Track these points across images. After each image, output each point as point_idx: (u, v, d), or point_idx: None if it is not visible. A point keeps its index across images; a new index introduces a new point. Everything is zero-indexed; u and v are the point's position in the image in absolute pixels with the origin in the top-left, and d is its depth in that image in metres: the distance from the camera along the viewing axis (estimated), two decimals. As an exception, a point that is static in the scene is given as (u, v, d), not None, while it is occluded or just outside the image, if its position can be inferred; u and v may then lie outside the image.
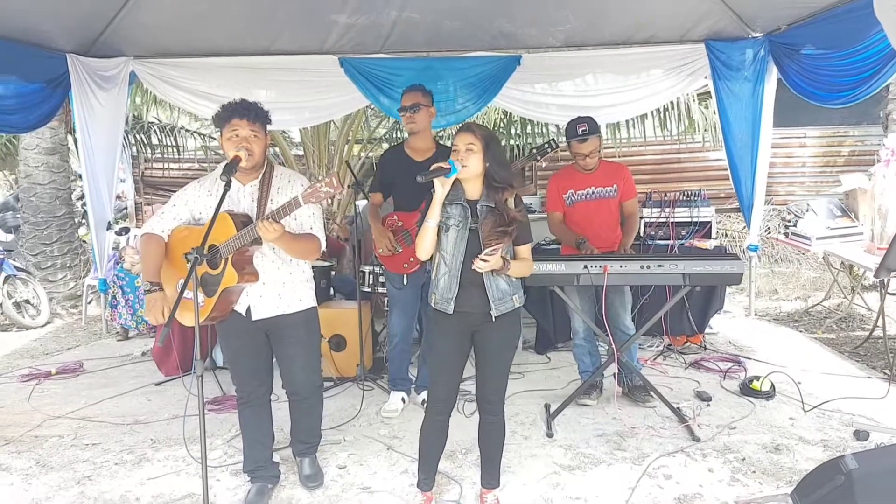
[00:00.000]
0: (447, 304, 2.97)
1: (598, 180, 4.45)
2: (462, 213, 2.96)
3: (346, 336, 5.03)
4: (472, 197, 2.99)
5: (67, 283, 8.10)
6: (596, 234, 4.44)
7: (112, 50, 5.96)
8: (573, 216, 4.52)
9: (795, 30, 5.38)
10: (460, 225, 2.95)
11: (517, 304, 3.04)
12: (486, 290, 2.95)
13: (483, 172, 2.95)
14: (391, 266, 4.39)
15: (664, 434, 3.96)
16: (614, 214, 4.50)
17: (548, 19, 5.74)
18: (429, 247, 2.96)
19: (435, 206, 2.91)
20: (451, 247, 2.95)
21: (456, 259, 2.94)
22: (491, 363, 3.07)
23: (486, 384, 3.10)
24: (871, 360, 5.29)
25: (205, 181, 3.21)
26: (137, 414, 4.55)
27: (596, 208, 4.46)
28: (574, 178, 4.50)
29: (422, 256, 3.00)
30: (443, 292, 2.99)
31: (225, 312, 3.09)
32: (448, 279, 2.97)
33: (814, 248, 5.86)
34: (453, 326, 3.01)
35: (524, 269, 3.04)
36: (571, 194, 4.47)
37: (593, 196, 4.45)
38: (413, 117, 4.24)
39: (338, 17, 5.57)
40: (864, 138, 10.49)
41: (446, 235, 2.97)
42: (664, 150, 10.50)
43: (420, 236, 2.96)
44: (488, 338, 3.03)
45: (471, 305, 2.97)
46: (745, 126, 6.12)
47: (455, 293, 2.96)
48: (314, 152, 8.92)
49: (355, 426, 4.24)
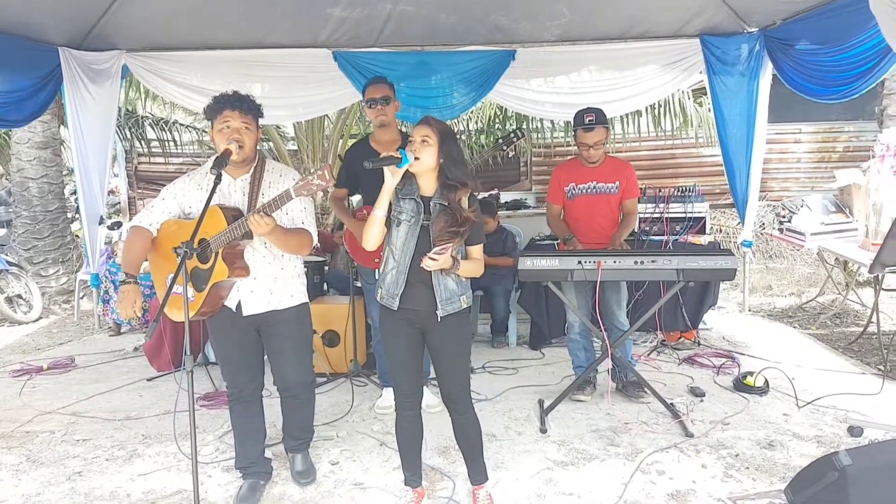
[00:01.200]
0: (392, 299, 2.93)
1: (601, 175, 4.43)
2: (415, 209, 2.91)
3: (339, 331, 5.01)
4: (427, 193, 2.94)
5: (60, 278, 8.06)
6: (594, 230, 4.43)
7: (105, 43, 5.93)
8: (573, 209, 4.50)
9: (790, 24, 5.37)
10: (412, 221, 2.90)
11: (465, 304, 2.99)
12: (434, 290, 2.90)
13: (437, 168, 2.91)
14: (363, 261, 4.33)
15: (657, 430, 3.95)
16: (614, 211, 4.48)
17: (543, 13, 5.73)
18: (375, 237, 2.92)
19: (383, 195, 2.87)
20: (401, 242, 2.91)
21: (405, 255, 2.90)
22: (445, 362, 3.03)
23: (447, 384, 3.06)
24: (866, 356, 5.29)
25: (195, 174, 3.18)
26: (129, 409, 4.52)
27: (596, 203, 4.44)
28: (577, 170, 4.48)
29: (367, 247, 2.95)
30: (389, 287, 2.94)
31: (215, 308, 3.06)
32: (395, 275, 2.92)
33: (808, 244, 5.86)
34: (400, 322, 2.97)
35: (474, 270, 2.99)
36: (573, 187, 4.46)
37: (594, 191, 4.44)
38: (384, 109, 4.19)
39: (332, 11, 5.55)
40: (860, 134, 10.52)
41: (397, 230, 2.93)
42: (658, 146, 10.52)
43: (367, 226, 2.91)
44: (437, 338, 2.99)
45: (417, 303, 2.92)
46: (739, 121, 6.12)
47: (401, 289, 2.91)
48: (308, 147, 8.90)
49: (348, 422, 4.22)
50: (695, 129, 8.84)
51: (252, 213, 2.80)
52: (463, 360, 3.08)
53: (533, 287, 5.39)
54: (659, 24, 5.91)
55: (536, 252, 5.00)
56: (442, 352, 3.01)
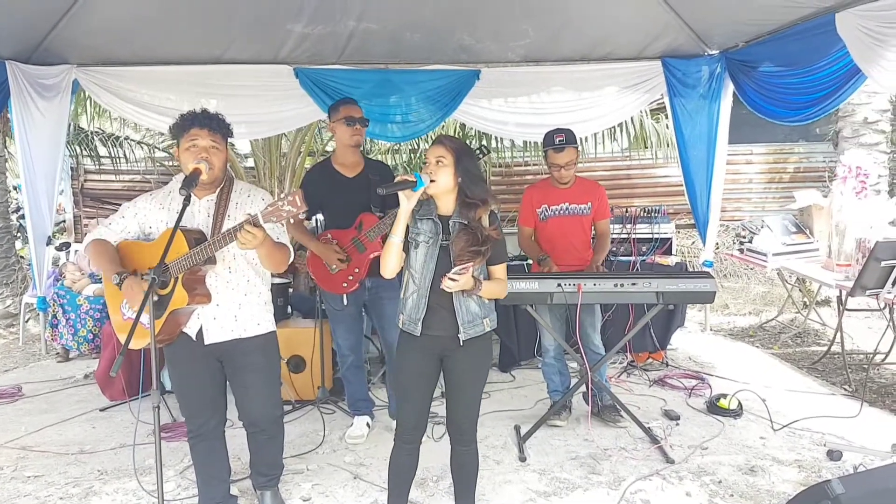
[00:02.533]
0: (414, 325, 2.81)
1: (572, 196, 4.40)
2: (433, 230, 2.81)
3: (304, 357, 4.83)
4: (445, 213, 2.85)
5: (4, 300, 7.67)
6: (567, 251, 4.39)
7: (54, 57, 5.67)
8: (545, 231, 4.44)
9: (753, 47, 5.42)
10: (430, 242, 2.80)
11: (488, 327, 2.89)
12: (455, 312, 2.79)
13: (455, 187, 2.81)
14: (328, 287, 4.18)
15: (638, 456, 3.88)
16: (587, 232, 4.46)
17: (507, 34, 5.69)
18: (394, 264, 2.80)
19: (400, 220, 2.76)
20: (420, 265, 2.80)
21: (425, 277, 2.79)
22: (461, 390, 2.92)
23: (458, 412, 2.94)
24: (830, 375, 5.34)
25: (157, 194, 3.00)
26: (82, 442, 4.26)
27: (569, 224, 4.41)
28: (549, 192, 4.44)
29: (387, 274, 2.83)
30: (410, 313, 2.83)
31: (172, 335, 2.87)
32: (416, 299, 2.81)
33: (770, 265, 5.90)
34: (420, 349, 2.85)
35: (498, 291, 2.89)
36: (545, 209, 4.41)
37: (567, 212, 4.40)
38: (361, 130, 4.15)
39: (293, 27, 5.41)
40: (810, 155, 10.76)
41: (415, 252, 2.82)
42: (614, 165, 10.58)
43: (385, 253, 2.80)
44: (458, 363, 2.87)
45: (439, 328, 2.81)
46: (700, 143, 6.16)
47: (423, 314, 2.80)
48: (265, 164, 8.69)
49: (318, 454, 4.04)
50: (653, 148, 8.91)
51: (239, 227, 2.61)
52: (479, 387, 2.97)
53: (502, 309, 5.27)
54: (621, 46, 5.93)
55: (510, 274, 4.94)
56: (459, 378, 2.89)
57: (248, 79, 5.98)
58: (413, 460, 2.99)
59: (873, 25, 4.00)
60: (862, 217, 5.32)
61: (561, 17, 5.47)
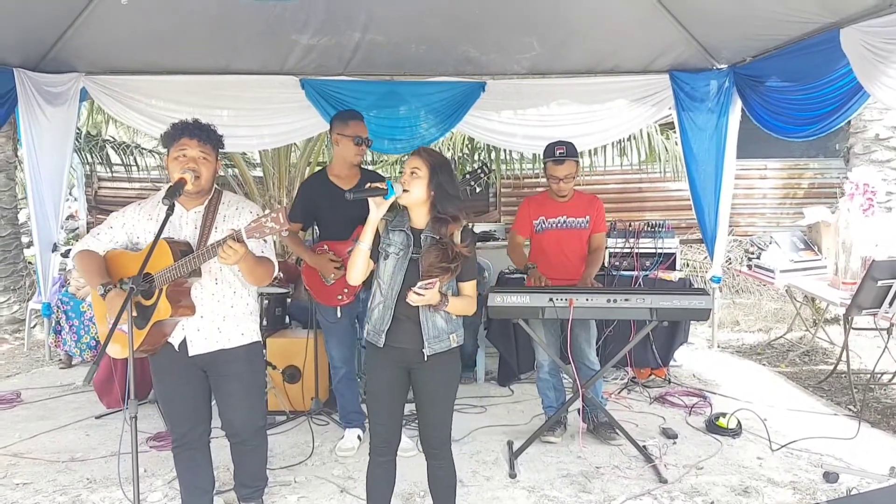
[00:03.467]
0: (378, 336, 2.79)
1: (570, 210, 4.38)
2: (404, 242, 2.80)
3: (300, 367, 4.80)
4: (418, 225, 2.83)
5: (11, 306, 7.73)
6: (561, 264, 4.36)
7: (63, 65, 5.73)
8: (541, 243, 4.42)
9: (761, 62, 5.37)
10: (400, 253, 2.79)
11: (454, 343, 2.85)
12: (421, 326, 2.77)
13: (428, 201, 2.79)
14: (323, 299, 4.17)
15: (630, 475, 3.82)
16: (583, 246, 4.43)
17: (513, 46, 5.70)
18: (360, 271, 2.79)
19: (368, 227, 2.76)
20: (389, 276, 2.79)
21: (392, 289, 2.76)
22: (429, 405, 2.89)
23: (427, 427, 2.91)
24: (836, 395, 5.24)
25: (145, 204, 3.00)
26: (74, 450, 4.26)
27: (566, 238, 4.38)
28: (547, 205, 4.42)
29: (352, 281, 2.83)
30: (375, 323, 2.81)
31: (156, 346, 2.85)
32: (382, 310, 2.79)
33: (777, 281, 5.82)
34: (385, 360, 2.83)
35: (465, 308, 2.85)
36: (542, 221, 4.39)
37: (564, 225, 4.38)
38: (364, 149, 4.18)
39: (299, 38, 5.44)
40: (824, 171, 10.64)
41: (385, 263, 2.80)
42: (625, 179, 10.54)
43: (351, 259, 2.80)
44: (424, 378, 2.84)
45: (403, 340, 2.79)
46: (708, 158, 6.11)
47: (387, 325, 2.77)
48: (274, 174, 8.72)
49: (307, 465, 4.01)
50: (661, 163, 8.85)
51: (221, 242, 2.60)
52: (448, 403, 2.93)
53: (501, 322, 5.25)
54: (628, 59, 5.91)
55: (507, 287, 4.91)
56: (427, 393, 2.86)
57: (254, 89, 6.02)
58: (388, 473, 2.95)
59: (876, 42, 3.95)
60: (869, 234, 5.24)
61: (566, 30, 5.46)
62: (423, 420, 2.92)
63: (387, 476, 2.95)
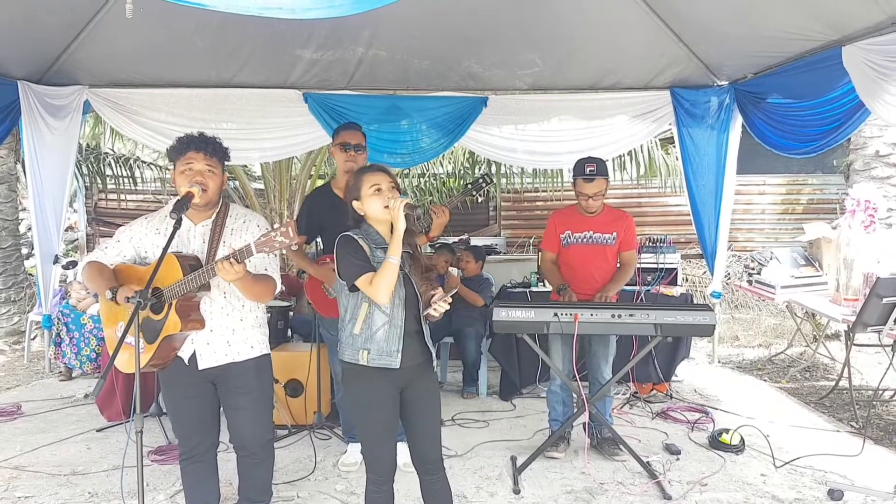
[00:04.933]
0: (391, 357, 2.68)
1: (598, 225, 4.34)
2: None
3: (302, 381, 4.79)
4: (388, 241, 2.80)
5: (11, 317, 7.72)
6: (586, 280, 4.32)
7: (66, 78, 5.76)
8: (567, 258, 4.39)
9: (762, 79, 5.41)
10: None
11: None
12: (425, 337, 2.79)
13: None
14: (326, 311, 4.14)
15: (634, 491, 3.80)
16: (610, 262, 4.37)
17: (515, 62, 5.73)
18: (393, 288, 2.65)
19: (397, 240, 2.67)
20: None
21: (398, 307, 2.71)
22: (428, 416, 2.85)
23: (426, 441, 2.85)
24: (837, 411, 5.24)
25: (153, 217, 3.00)
26: (76, 463, 4.24)
27: (592, 253, 4.34)
28: (574, 219, 4.39)
29: (384, 300, 2.64)
30: (382, 346, 2.68)
31: (166, 360, 2.84)
32: (388, 330, 2.69)
33: (778, 297, 5.83)
34: (392, 383, 2.74)
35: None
36: (568, 235, 4.36)
37: (590, 241, 4.34)
38: (356, 157, 4.10)
39: (302, 52, 5.47)
40: (823, 187, 10.70)
41: None
42: (625, 193, 10.56)
43: (384, 276, 2.61)
44: (423, 389, 2.82)
45: (413, 357, 2.76)
46: (708, 174, 6.14)
47: (400, 344, 2.70)
48: (275, 187, 8.74)
49: (310, 480, 3.98)
50: (662, 178, 8.88)
51: (221, 261, 2.60)
52: (438, 413, 2.93)
53: (503, 336, 5.26)
54: (630, 75, 5.95)
55: (511, 301, 4.91)
56: (425, 406, 2.84)
57: (258, 103, 6.05)
58: (390, 499, 2.89)
59: (878, 59, 3.99)
60: (870, 251, 5.26)
61: (568, 46, 5.49)
62: (420, 435, 2.85)
63: (388, 501, 2.89)
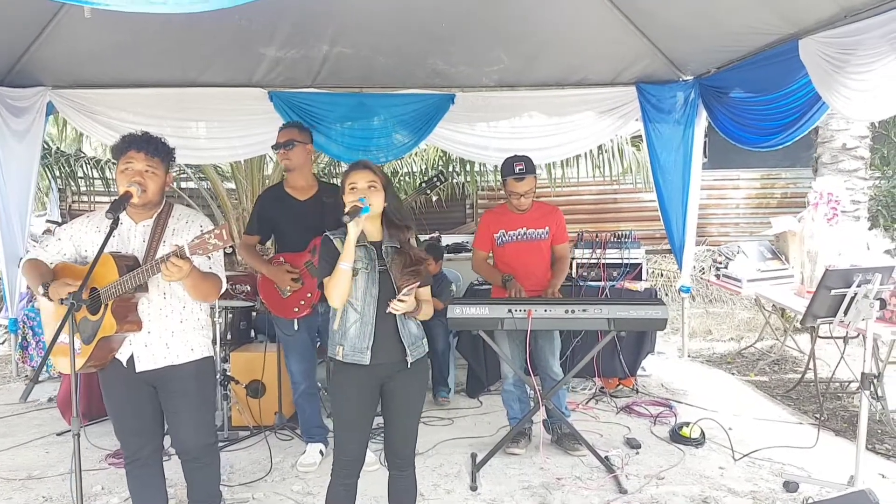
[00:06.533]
0: (362, 354, 2.75)
1: (530, 221, 4.37)
2: (368, 256, 2.80)
3: (264, 382, 4.76)
4: (374, 238, 2.85)
5: (-23, 322, 7.63)
6: (526, 276, 4.34)
7: (28, 79, 5.68)
8: (504, 256, 4.42)
9: (724, 73, 5.43)
10: (368, 268, 2.78)
11: (426, 348, 2.92)
12: (400, 336, 2.79)
13: (382, 212, 2.84)
14: (279, 311, 4.14)
15: (591, 486, 3.81)
16: (545, 256, 4.42)
17: (481, 59, 5.70)
18: (345, 292, 2.72)
19: (350, 246, 2.70)
20: (362, 292, 2.77)
21: (368, 305, 2.75)
22: (405, 414, 2.88)
23: (400, 438, 2.90)
24: (803, 404, 5.27)
25: (94, 216, 2.96)
26: (32, 468, 4.20)
27: (527, 249, 4.37)
28: (506, 217, 4.42)
29: (337, 304, 2.74)
30: (354, 342, 2.76)
31: (104, 362, 2.81)
32: (360, 327, 2.76)
33: (745, 291, 5.86)
34: (366, 379, 2.80)
35: (428, 312, 2.92)
36: (503, 234, 4.38)
37: (525, 237, 4.37)
38: (287, 154, 4.10)
39: (266, 51, 5.43)
40: (797, 180, 10.77)
41: (355, 280, 2.78)
42: (601, 190, 10.61)
43: (334, 281, 2.70)
44: (402, 387, 2.84)
45: (386, 354, 2.78)
46: (675, 169, 6.16)
47: (371, 341, 2.76)
48: (247, 187, 8.67)
49: (267, 482, 3.96)
50: (633, 174, 8.91)
51: (166, 260, 2.57)
52: (417, 410, 2.95)
53: (470, 334, 5.25)
54: (596, 72, 5.94)
55: (474, 298, 4.91)
56: (404, 403, 2.87)
57: (223, 102, 5.99)
58: (351, 493, 2.92)
59: (832, 52, 4.00)
60: (833, 244, 5.29)
61: (534, 43, 5.48)
62: (396, 432, 2.90)
63: (349, 496, 2.92)
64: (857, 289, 3.34)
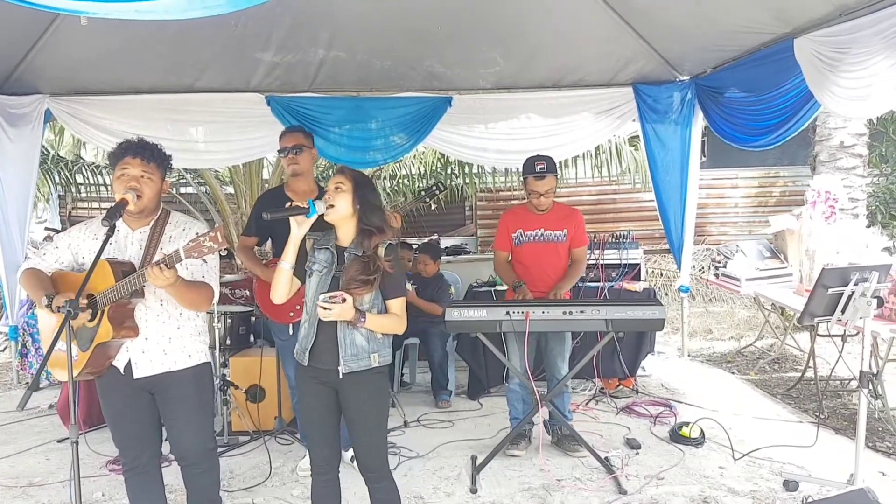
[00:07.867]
0: (303, 354, 2.83)
1: (549, 223, 4.36)
2: (328, 259, 2.82)
3: (264, 386, 4.77)
4: (344, 243, 2.85)
5: (-22, 329, 7.64)
6: (541, 278, 4.33)
7: (26, 87, 5.69)
8: (520, 256, 4.41)
9: (720, 73, 5.44)
10: (324, 271, 2.81)
11: (376, 363, 2.78)
12: (338, 344, 2.75)
13: (355, 215, 2.82)
14: (275, 316, 4.13)
15: (591, 487, 3.81)
16: (562, 259, 4.39)
17: (477, 61, 5.72)
18: (283, 290, 2.85)
19: (290, 246, 2.80)
20: (312, 294, 2.80)
21: (315, 307, 2.73)
22: (357, 426, 2.84)
23: (359, 448, 2.87)
24: (803, 402, 5.27)
25: (91, 223, 2.96)
26: (33, 475, 4.20)
27: (544, 251, 4.36)
28: (525, 217, 4.41)
29: (276, 300, 2.88)
30: (301, 342, 2.85)
31: (101, 369, 2.81)
32: (307, 328, 2.82)
33: (744, 290, 5.86)
34: (312, 379, 2.85)
35: (391, 326, 2.82)
36: (520, 234, 4.37)
37: (542, 238, 4.36)
38: (296, 158, 4.09)
39: (262, 56, 5.44)
40: (795, 179, 10.77)
41: (309, 281, 2.83)
42: (601, 190, 10.61)
43: (274, 279, 2.85)
44: (346, 398, 2.82)
45: (324, 359, 2.78)
46: (673, 168, 6.17)
47: (311, 343, 2.78)
48: (246, 192, 8.68)
49: (267, 486, 3.95)
50: (632, 174, 8.92)
51: (150, 266, 2.59)
52: (373, 424, 2.86)
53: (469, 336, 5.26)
54: (592, 73, 5.95)
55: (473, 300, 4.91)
56: (349, 413, 2.83)
57: (220, 107, 6.00)
58: (332, 492, 2.93)
59: (826, 51, 4.02)
60: (831, 242, 5.29)
61: (530, 45, 5.50)
62: (354, 441, 2.88)
63: (331, 493, 2.93)
64: (855, 287, 3.34)
